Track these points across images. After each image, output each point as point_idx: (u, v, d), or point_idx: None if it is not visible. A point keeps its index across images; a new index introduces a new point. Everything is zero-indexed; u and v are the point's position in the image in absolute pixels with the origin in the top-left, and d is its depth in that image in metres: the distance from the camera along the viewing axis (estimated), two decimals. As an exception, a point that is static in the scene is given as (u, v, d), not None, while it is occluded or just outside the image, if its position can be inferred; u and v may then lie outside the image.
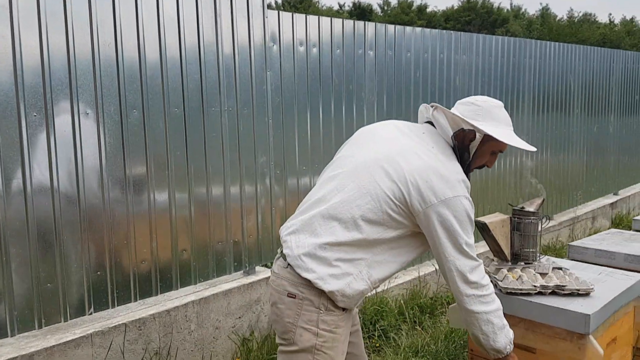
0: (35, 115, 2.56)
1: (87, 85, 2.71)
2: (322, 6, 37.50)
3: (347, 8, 39.98)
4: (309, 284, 1.83)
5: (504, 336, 1.94)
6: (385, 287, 4.02)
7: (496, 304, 1.94)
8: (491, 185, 5.26)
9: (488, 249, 2.48)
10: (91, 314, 2.80)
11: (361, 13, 37.30)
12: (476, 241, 4.96)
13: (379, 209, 1.83)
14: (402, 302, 3.93)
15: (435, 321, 3.84)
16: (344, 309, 1.90)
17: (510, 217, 2.37)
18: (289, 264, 1.88)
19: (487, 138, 1.97)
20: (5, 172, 2.49)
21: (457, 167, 1.90)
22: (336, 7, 40.24)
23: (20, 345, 2.57)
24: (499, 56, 5.21)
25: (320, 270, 1.83)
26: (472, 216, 1.86)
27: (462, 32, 4.89)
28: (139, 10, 2.87)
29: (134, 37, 2.86)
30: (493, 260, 2.45)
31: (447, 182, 1.82)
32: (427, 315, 3.92)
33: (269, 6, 3.31)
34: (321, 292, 1.83)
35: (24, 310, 2.60)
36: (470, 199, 1.87)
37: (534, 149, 2.04)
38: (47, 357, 2.56)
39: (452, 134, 1.94)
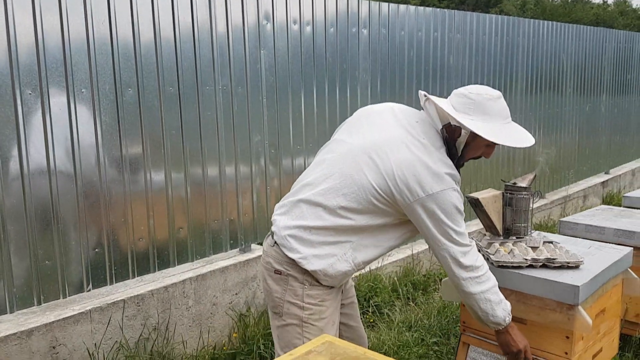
0: (30, 94, 2.56)
1: (81, 64, 2.71)
2: (315, -14, 37.14)
3: (340, -12, 39.55)
4: (293, 262, 1.90)
5: (501, 310, 1.99)
6: (379, 265, 4.07)
7: (492, 281, 1.98)
8: (484, 164, 5.30)
9: (481, 224, 2.52)
10: (89, 290, 2.84)
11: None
12: (469, 218, 5.04)
13: (364, 198, 1.86)
14: (395, 279, 3.99)
15: (428, 297, 3.91)
16: (328, 286, 1.95)
17: (503, 193, 2.41)
18: (275, 242, 1.94)
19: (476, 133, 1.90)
20: (1, 151, 2.50)
21: (446, 160, 1.88)
22: (329, -13, 39.79)
23: (19, 321, 2.60)
24: (492, 35, 5.22)
25: (304, 250, 1.89)
26: (461, 207, 1.87)
27: (456, 11, 4.88)
28: (133, -13, 2.85)
29: (127, 14, 2.85)
30: (485, 235, 2.50)
31: (434, 176, 1.82)
32: (420, 292, 3.99)
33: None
34: (305, 270, 1.89)
35: (23, 287, 2.63)
36: (459, 190, 1.87)
37: (527, 144, 1.92)
38: (46, 333, 2.60)
39: (441, 127, 1.93)
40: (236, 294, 3.36)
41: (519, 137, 1.94)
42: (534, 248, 2.32)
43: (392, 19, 4.24)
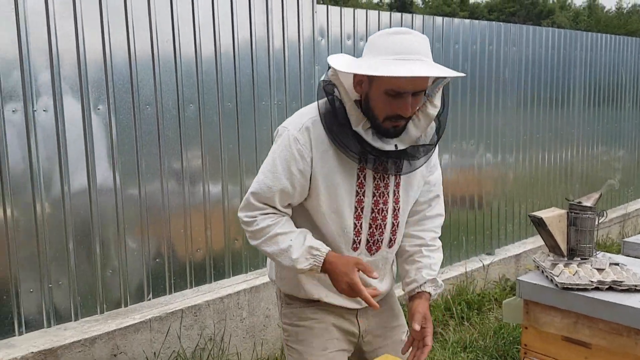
0: (99, 109, 2.67)
1: (147, 80, 2.81)
2: (363, 0, 37.26)
3: (387, 1, 39.64)
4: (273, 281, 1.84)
5: (287, 259, 1.57)
6: (432, 281, 4.01)
7: (266, 234, 1.59)
8: (540, 180, 5.17)
9: (543, 243, 2.46)
10: (150, 299, 2.92)
11: (402, 5, 36.93)
12: (524, 236, 4.91)
13: None
14: (448, 297, 3.92)
15: (483, 317, 3.82)
16: (308, 301, 1.72)
17: (567, 212, 2.35)
18: None
19: (364, 78, 1.53)
20: (72, 166, 2.61)
21: (311, 113, 1.60)
22: (376, 0, 39.93)
23: (83, 329, 2.69)
24: (549, 48, 5.10)
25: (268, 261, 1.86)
26: (278, 150, 1.58)
27: (511, 24, 4.81)
28: (195, 7, 2.95)
29: (190, 33, 2.94)
30: (549, 255, 2.43)
31: (290, 119, 1.64)
32: (475, 311, 3.90)
33: (317, 1, 3.35)
34: (278, 286, 1.80)
35: (87, 296, 2.73)
36: (297, 137, 1.56)
37: (406, 73, 1.40)
38: (108, 341, 2.68)
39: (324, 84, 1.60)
40: (289, 307, 3.38)
41: (404, 69, 1.41)
42: (600, 270, 2.24)
43: (447, 32, 4.21)
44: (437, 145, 1.69)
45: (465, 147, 4.41)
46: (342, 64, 1.52)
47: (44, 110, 2.52)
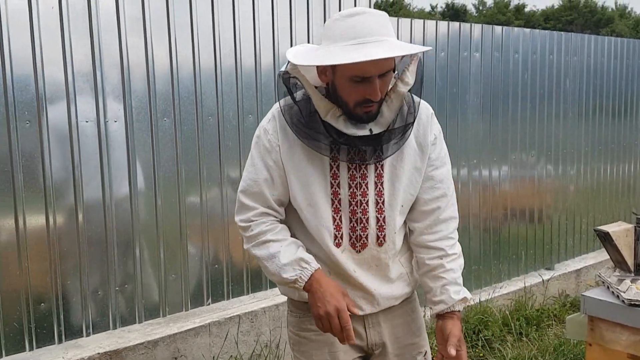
0: (165, 120, 2.78)
1: (210, 92, 2.91)
2: (414, 8, 37.12)
3: (439, 9, 39.30)
4: None
5: (274, 265, 1.50)
6: (490, 297, 3.94)
7: (260, 234, 1.53)
8: (603, 193, 4.99)
9: (606, 258, 2.38)
10: (209, 304, 3.00)
11: (455, 14, 36.54)
12: (587, 250, 4.75)
13: None
14: (507, 312, 3.83)
15: (542, 334, 3.70)
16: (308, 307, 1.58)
17: (635, 227, 2.26)
18: None
19: (327, 67, 1.45)
20: (136, 177, 2.73)
21: (275, 108, 1.56)
22: (428, 9, 39.67)
23: (146, 331, 2.79)
24: (611, 58, 4.94)
25: None
26: (254, 150, 1.56)
27: (572, 33, 4.69)
28: (256, 20, 3.04)
29: (251, 47, 3.03)
30: (615, 270, 2.35)
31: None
32: (534, 327, 3.80)
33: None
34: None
35: (151, 299, 2.84)
36: (260, 134, 1.55)
37: (358, 58, 1.33)
38: (169, 344, 2.77)
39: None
40: (343, 316, 3.39)
41: (362, 54, 1.34)
42: (672, 287, 2.14)
43: (506, 42, 4.15)
44: (438, 138, 1.62)
45: (525, 158, 4.31)
46: (300, 57, 1.45)
47: (114, 121, 2.65)
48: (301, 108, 1.49)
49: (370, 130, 1.47)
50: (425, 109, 1.62)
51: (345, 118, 1.47)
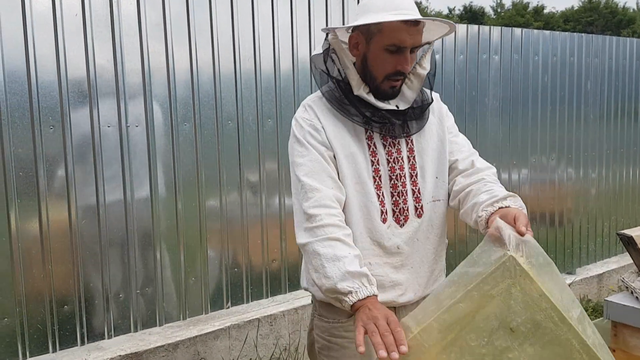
0: (186, 125, 2.81)
1: (229, 97, 2.93)
2: (432, 11, 36.97)
3: (457, 12, 39.08)
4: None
5: (336, 269, 1.40)
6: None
7: (333, 233, 1.46)
8: (625, 196, 4.91)
9: (629, 263, 2.34)
10: (228, 307, 3.02)
11: (472, 16, 36.30)
12: (614, 254, 4.67)
13: None
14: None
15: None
16: (349, 316, 1.54)
17: (659, 231, 2.22)
18: None
19: (366, 35, 1.53)
20: (157, 181, 2.76)
21: (312, 96, 1.64)
22: (445, 12, 39.46)
23: (166, 334, 2.82)
24: (634, 59, 4.86)
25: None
26: (299, 135, 1.57)
27: (593, 35, 4.63)
28: (275, 25, 3.05)
29: (270, 51, 3.05)
30: (639, 275, 2.31)
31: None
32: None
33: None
34: (313, 296, 1.70)
35: (171, 302, 2.86)
36: (299, 118, 1.59)
37: (402, 16, 1.46)
38: (189, 347, 2.79)
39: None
40: (362, 320, 3.39)
41: (404, 17, 1.46)
42: (699, 293, 2.10)
43: (525, 44, 4.11)
44: (447, 111, 1.74)
45: (545, 161, 4.27)
46: (346, 23, 1.53)
47: (136, 126, 2.68)
48: (340, 84, 1.58)
49: (397, 106, 1.58)
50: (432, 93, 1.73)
51: (372, 95, 1.57)
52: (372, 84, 1.56)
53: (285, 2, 3.08)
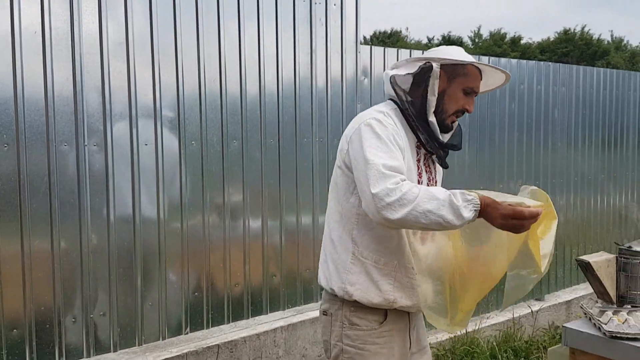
0: (146, 145, 2.77)
1: (193, 118, 2.91)
2: (411, 40, 37.59)
3: (436, 41, 39.78)
4: (330, 297, 1.82)
5: (448, 211, 1.56)
6: (477, 327, 3.87)
7: (417, 199, 1.57)
8: (593, 223, 4.96)
9: (591, 290, 2.34)
10: (187, 333, 2.94)
11: (451, 45, 36.87)
12: (582, 280, 4.69)
13: (335, 180, 1.86)
14: (494, 344, 3.76)
15: (531, 365, 3.63)
16: (380, 323, 1.77)
17: (616, 257, 2.23)
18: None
19: (451, 74, 1.80)
20: (116, 199, 2.70)
21: (384, 107, 1.81)
22: (425, 41, 40.17)
23: None
24: (600, 89, 4.97)
25: (324, 271, 1.85)
26: (379, 132, 1.68)
27: (560, 64, 4.73)
28: (242, 48, 3.05)
29: (236, 72, 3.04)
30: (597, 302, 2.31)
31: (364, 114, 1.79)
32: (522, 359, 3.72)
33: (361, 42, 3.41)
34: (343, 304, 1.78)
35: (126, 327, 2.78)
36: (381, 119, 1.72)
37: (504, 71, 1.90)
38: (145, 373, 2.70)
39: (392, 89, 1.83)
40: (326, 346, 3.32)
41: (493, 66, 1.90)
42: (654, 320, 2.10)
43: (492, 73, 4.17)
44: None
45: (512, 187, 4.30)
46: (462, 56, 1.83)
47: (94, 145, 2.63)
48: (421, 106, 1.80)
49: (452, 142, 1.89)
50: None
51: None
52: (440, 116, 1.80)
53: (252, 23, 3.09)
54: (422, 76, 1.79)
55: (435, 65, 1.78)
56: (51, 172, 2.53)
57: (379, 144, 1.67)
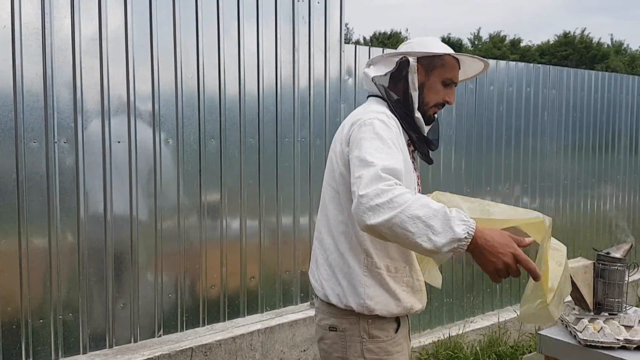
0: (119, 143, 2.71)
1: (169, 115, 2.85)
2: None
3: (436, 43, 39.64)
4: (340, 312, 1.76)
5: (440, 223, 1.41)
6: (460, 332, 3.81)
7: (408, 203, 1.45)
8: (583, 228, 4.91)
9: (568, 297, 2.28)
10: (160, 336, 2.88)
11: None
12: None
13: (334, 188, 1.76)
14: (478, 349, 3.71)
15: (514, 371, 3.58)
16: (395, 331, 1.76)
17: (594, 263, 2.18)
18: (317, 296, 1.85)
19: (428, 66, 1.78)
20: (87, 198, 2.64)
21: (381, 108, 1.76)
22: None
23: (93, 362, 2.67)
24: (592, 92, 4.92)
25: (333, 287, 1.76)
26: (382, 133, 1.63)
27: (551, 66, 4.67)
28: (221, 44, 2.99)
29: (215, 70, 2.98)
30: (574, 309, 2.26)
31: (362, 114, 1.72)
32: (506, 364, 3.67)
33: (357, 42, 3.36)
34: (359, 319, 1.73)
35: (97, 329, 2.71)
36: (385, 121, 1.67)
37: (483, 62, 1.88)
38: (117, 376, 2.64)
39: (377, 89, 1.81)
40: (304, 350, 3.26)
41: (470, 55, 1.86)
42: (628, 327, 2.05)
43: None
44: None
45: (500, 189, 4.24)
46: (438, 47, 1.79)
47: (64, 142, 2.58)
48: (404, 105, 1.78)
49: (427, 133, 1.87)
50: None
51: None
52: (422, 109, 1.79)
53: (232, 19, 3.03)
54: (400, 72, 1.78)
55: (411, 59, 1.76)
56: (19, 170, 2.47)
57: (381, 145, 1.61)
